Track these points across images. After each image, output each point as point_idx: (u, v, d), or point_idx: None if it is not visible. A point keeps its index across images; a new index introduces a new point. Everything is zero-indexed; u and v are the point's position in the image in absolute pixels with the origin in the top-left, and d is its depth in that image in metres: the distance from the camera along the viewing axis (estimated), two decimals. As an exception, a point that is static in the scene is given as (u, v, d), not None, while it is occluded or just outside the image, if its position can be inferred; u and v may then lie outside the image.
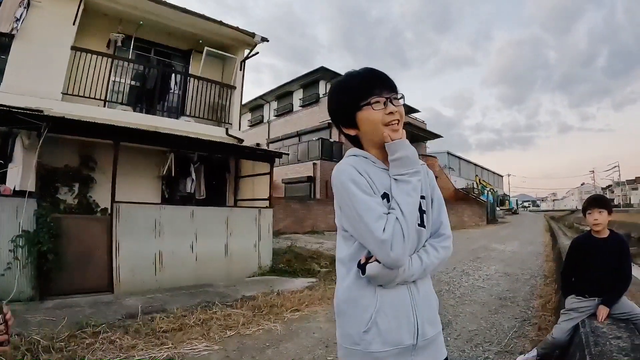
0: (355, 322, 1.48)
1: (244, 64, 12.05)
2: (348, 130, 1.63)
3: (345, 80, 1.63)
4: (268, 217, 9.97)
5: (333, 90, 1.68)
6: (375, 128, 1.53)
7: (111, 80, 9.38)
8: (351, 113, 1.56)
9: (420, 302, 1.53)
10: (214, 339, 4.83)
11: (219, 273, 8.67)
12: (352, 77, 1.62)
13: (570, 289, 3.71)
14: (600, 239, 3.53)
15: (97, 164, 8.92)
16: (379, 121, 1.51)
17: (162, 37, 11.11)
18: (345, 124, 1.62)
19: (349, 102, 1.56)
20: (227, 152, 10.77)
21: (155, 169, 9.91)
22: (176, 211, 8.45)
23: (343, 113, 1.61)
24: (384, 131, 1.51)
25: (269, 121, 34.90)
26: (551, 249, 14.23)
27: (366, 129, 1.56)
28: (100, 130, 7.60)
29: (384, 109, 1.50)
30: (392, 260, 1.38)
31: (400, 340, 1.46)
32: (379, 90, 1.52)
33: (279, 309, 6.18)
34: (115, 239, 7.33)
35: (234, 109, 11.65)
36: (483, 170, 65.14)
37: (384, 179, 1.54)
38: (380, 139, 1.54)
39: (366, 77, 1.58)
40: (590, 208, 3.55)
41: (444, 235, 1.69)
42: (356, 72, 1.63)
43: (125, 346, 4.38)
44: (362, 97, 1.52)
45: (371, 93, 1.51)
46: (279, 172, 26.87)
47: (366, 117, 1.53)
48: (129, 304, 6.35)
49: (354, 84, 1.58)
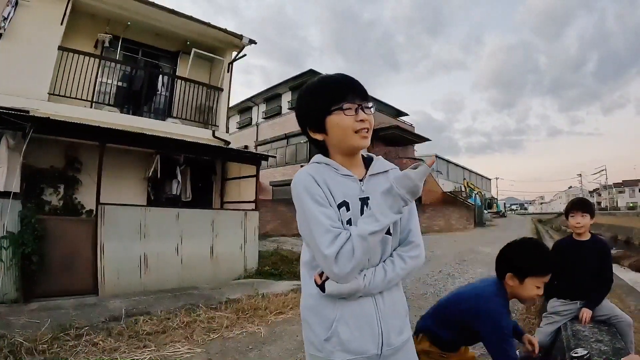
0: (317, 330, 1.51)
1: (231, 66, 12.06)
2: (315, 135, 1.61)
3: (318, 83, 1.62)
4: (254, 220, 9.99)
5: (304, 92, 1.64)
6: (345, 134, 1.52)
7: (98, 81, 9.33)
8: (321, 117, 1.53)
9: (386, 312, 1.53)
10: (196, 341, 4.86)
11: (205, 275, 8.68)
12: (325, 80, 1.61)
13: (553, 292, 3.67)
14: (582, 241, 3.55)
15: (82, 165, 8.88)
16: (349, 127, 1.50)
17: (150, 38, 11.08)
18: (313, 128, 1.60)
19: (320, 105, 1.53)
20: (214, 154, 10.78)
21: (141, 170, 9.87)
22: (161, 213, 8.44)
23: (313, 116, 1.57)
24: (353, 137, 1.52)
25: (257, 123, 34.79)
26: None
27: (335, 134, 1.54)
28: (85, 131, 7.59)
29: (355, 115, 1.49)
30: (335, 275, 1.40)
31: (364, 349, 1.47)
32: (352, 96, 1.51)
33: (263, 311, 6.20)
34: (100, 240, 7.32)
35: (221, 111, 11.65)
36: (471, 173, 65.34)
37: (345, 187, 1.54)
38: (348, 145, 1.55)
39: (340, 81, 1.57)
40: (572, 211, 3.58)
41: (413, 244, 1.64)
42: (330, 76, 1.62)
43: (107, 349, 4.41)
44: (334, 101, 1.50)
45: (344, 98, 1.50)
46: (267, 174, 26.89)
47: (336, 122, 1.51)
48: (113, 306, 6.34)
49: (327, 88, 1.56)
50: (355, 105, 1.50)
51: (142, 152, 9.57)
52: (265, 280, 9.11)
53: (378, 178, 1.64)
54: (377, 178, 1.64)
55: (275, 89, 32.92)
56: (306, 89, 1.64)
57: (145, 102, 10.58)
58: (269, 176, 27.57)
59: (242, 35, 11.55)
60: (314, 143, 1.66)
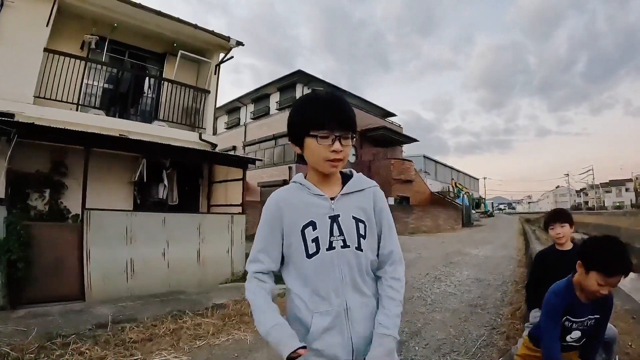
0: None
1: (218, 68, 12.04)
2: (294, 147, 1.68)
3: (305, 101, 1.67)
4: (241, 223, 9.98)
5: (295, 104, 1.69)
6: (316, 159, 1.59)
7: (84, 83, 9.27)
8: (301, 134, 1.59)
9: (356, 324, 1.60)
10: (183, 349, 4.86)
11: (191, 280, 8.66)
12: (312, 100, 1.63)
13: (535, 302, 3.60)
14: (564, 251, 3.51)
15: (68, 169, 8.80)
16: (321, 155, 1.56)
17: (136, 39, 11.03)
18: (293, 141, 1.67)
19: (301, 124, 1.59)
20: (200, 157, 10.74)
21: (127, 174, 9.81)
22: (148, 218, 8.39)
23: (294, 131, 1.64)
24: (322, 164, 1.59)
25: (245, 124, 34.72)
26: (524, 254, 14.41)
27: (308, 155, 1.61)
28: (70, 135, 7.52)
29: (329, 145, 1.54)
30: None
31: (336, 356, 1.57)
32: (332, 125, 1.54)
33: (249, 317, 6.16)
34: (86, 246, 7.28)
35: (208, 114, 11.61)
36: (459, 173, 65.69)
37: (314, 207, 1.64)
38: (318, 168, 1.63)
39: (325, 106, 1.58)
40: (551, 223, 3.56)
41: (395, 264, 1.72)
42: (318, 97, 1.62)
43: (94, 357, 4.40)
44: (313, 125, 1.54)
45: (323, 126, 1.53)
46: (255, 175, 26.82)
47: (311, 146, 1.57)
48: (100, 312, 6.33)
49: (312, 109, 1.58)
50: (332, 136, 1.54)
51: (128, 155, 9.50)
52: (252, 284, 9.03)
53: (351, 197, 1.69)
54: (351, 197, 1.69)
55: (263, 89, 32.94)
56: (296, 103, 1.70)
57: (131, 104, 10.55)
58: (257, 177, 27.54)
59: (230, 37, 11.54)
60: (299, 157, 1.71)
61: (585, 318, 2.47)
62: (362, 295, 1.63)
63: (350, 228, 1.62)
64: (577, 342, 2.58)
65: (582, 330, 2.51)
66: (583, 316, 2.46)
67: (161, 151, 9.20)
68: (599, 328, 2.55)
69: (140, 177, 9.43)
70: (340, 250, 1.59)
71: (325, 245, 1.58)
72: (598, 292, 2.27)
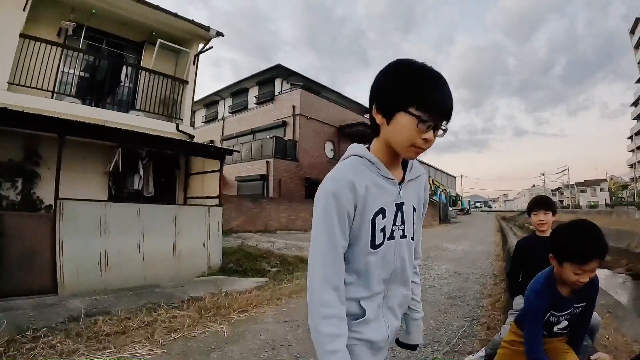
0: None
1: (197, 58, 11.92)
2: (377, 115, 1.44)
3: (416, 71, 1.38)
4: (217, 216, 9.87)
5: (397, 68, 1.42)
6: (401, 140, 1.38)
7: (60, 71, 9.06)
8: (394, 105, 1.37)
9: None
10: (158, 342, 4.78)
11: (167, 273, 8.54)
12: (422, 73, 1.38)
13: (517, 289, 3.67)
14: (545, 237, 3.48)
15: (42, 158, 8.56)
16: (410, 138, 1.36)
17: (114, 27, 10.81)
18: (380, 108, 1.42)
19: (401, 94, 1.35)
20: (177, 148, 10.57)
21: (102, 164, 9.59)
22: (122, 209, 8.22)
23: (388, 98, 1.39)
24: (406, 149, 1.40)
25: (223, 118, 34.53)
26: (501, 249, 14.57)
27: (393, 132, 1.40)
28: (44, 122, 7.32)
29: (423, 131, 1.34)
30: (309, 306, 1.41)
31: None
32: (436, 111, 1.34)
33: (226, 310, 6.14)
34: (59, 237, 7.09)
35: (186, 105, 11.49)
36: (437, 171, 66.37)
37: (384, 192, 1.47)
38: (397, 149, 1.43)
39: (435, 85, 1.36)
40: (535, 209, 3.60)
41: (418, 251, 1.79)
42: (429, 72, 1.38)
43: (66, 351, 4.29)
44: (416, 103, 1.32)
45: (428, 109, 1.32)
46: (232, 169, 26.68)
47: (402, 124, 1.35)
48: (72, 305, 6.19)
49: (420, 83, 1.35)
50: (431, 123, 1.33)
51: (103, 145, 9.31)
52: (228, 277, 9.03)
53: (412, 184, 1.62)
54: (412, 184, 1.61)
55: (242, 83, 32.78)
56: (400, 67, 1.42)
57: (108, 93, 10.34)
58: (234, 171, 27.36)
59: (209, 27, 11.43)
60: (371, 122, 1.51)
61: (571, 309, 2.43)
62: (406, 285, 1.63)
63: (409, 217, 1.57)
64: (564, 330, 2.55)
65: (569, 319, 2.48)
66: (568, 308, 2.43)
67: (137, 140, 9.04)
68: (586, 315, 2.52)
69: (116, 167, 9.24)
70: (399, 240, 1.54)
71: (387, 235, 1.50)
72: (577, 281, 2.22)
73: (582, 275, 2.21)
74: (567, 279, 2.27)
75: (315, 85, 31.89)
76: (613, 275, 15.54)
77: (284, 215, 22.88)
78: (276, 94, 29.67)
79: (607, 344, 4.29)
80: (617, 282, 14.25)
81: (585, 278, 2.22)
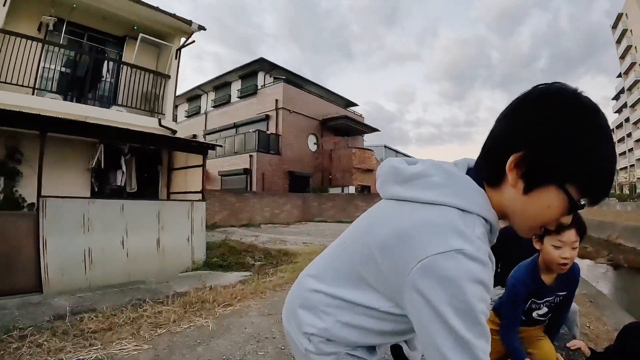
0: None
1: (179, 53, 11.82)
2: (512, 172, 0.96)
3: (596, 127, 0.92)
4: (201, 210, 9.86)
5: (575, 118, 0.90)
6: (532, 221, 1.01)
7: (41, 66, 8.96)
8: (547, 177, 0.93)
9: None
10: (143, 337, 4.82)
11: (152, 269, 8.53)
12: (602, 134, 0.91)
13: (495, 279, 3.73)
14: None
15: (23, 156, 8.48)
16: (545, 221, 0.99)
17: (96, 21, 10.65)
18: (531, 169, 0.94)
19: (569, 165, 0.90)
20: (159, 143, 10.51)
21: (84, 161, 9.53)
22: (105, 205, 8.15)
23: (546, 163, 0.92)
24: (530, 229, 1.04)
25: (206, 112, 34.41)
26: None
27: (525, 204, 0.97)
28: (25, 119, 7.24)
29: (567, 217, 0.98)
30: None
31: None
32: (602, 196, 0.97)
33: (211, 304, 6.18)
34: (43, 235, 7.03)
35: (168, 99, 11.41)
36: (419, 163, 66.49)
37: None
38: (518, 227, 1.06)
39: (613, 158, 0.94)
40: None
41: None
42: (609, 133, 0.93)
43: (52, 349, 4.30)
44: (582, 183, 0.92)
45: (596, 193, 0.96)
46: (215, 164, 26.64)
47: (549, 202, 0.95)
48: (58, 304, 6.17)
49: (598, 152, 0.91)
50: (583, 206, 0.96)
51: (85, 141, 9.26)
52: (213, 272, 9.07)
53: None
54: None
55: (225, 77, 32.65)
56: (582, 114, 0.91)
57: (89, 89, 10.24)
58: (218, 166, 27.31)
59: (191, 21, 11.35)
60: (492, 174, 1.03)
61: (553, 296, 2.51)
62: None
63: None
64: (543, 317, 2.62)
65: (550, 307, 2.55)
66: (549, 296, 2.50)
67: (119, 136, 8.97)
68: (566, 303, 2.60)
69: (98, 163, 9.20)
70: None
71: None
72: (560, 257, 2.26)
73: (562, 250, 2.25)
74: (550, 259, 2.31)
75: (298, 79, 31.89)
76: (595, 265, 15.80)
77: (267, 209, 22.93)
78: (259, 88, 29.65)
79: (589, 332, 4.41)
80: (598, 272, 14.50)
81: (566, 253, 2.25)
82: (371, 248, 1.05)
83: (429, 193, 1.02)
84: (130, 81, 10.48)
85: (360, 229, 1.20)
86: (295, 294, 1.36)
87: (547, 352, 2.59)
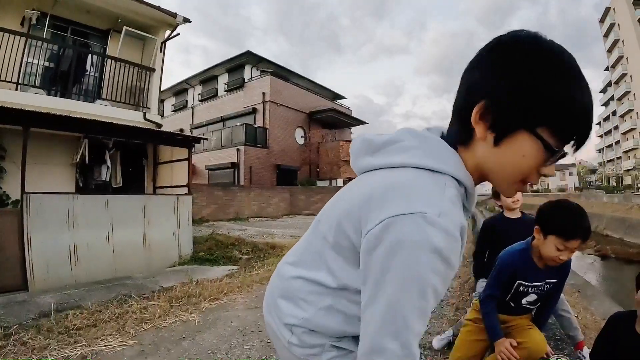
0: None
1: (164, 46, 11.73)
2: (478, 124, 0.93)
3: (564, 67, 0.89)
4: (187, 204, 9.84)
5: (537, 58, 0.88)
6: (511, 172, 0.96)
7: (24, 61, 8.83)
8: (515, 121, 0.89)
9: None
10: (129, 333, 4.83)
11: (138, 264, 8.50)
12: (572, 73, 0.89)
13: (482, 272, 3.65)
14: (513, 219, 3.56)
15: (7, 152, 8.36)
16: (523, 171, 0.94)
17: (79, 15, 10.51)
18: (491, 117, 0.91)
19: (535, 107, 0.87)
20: (144, 137, 10.41)
21: (68, 156, 9.43)
22: (90, 201, 8.07)
23: (509, 107, 0.89)
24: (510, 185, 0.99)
25: (193, 106, 34.24)
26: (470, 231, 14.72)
27: (500, 156, 0.94)
28: (7, 115, 7.14)
29: (548, 167, 0.94)
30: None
31: None
32: (580, 138, 0.92)
33: (197, 298, 6.21)
34: (27, 232, 6.95)
35: (153, 93, 11.34)
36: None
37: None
38: (498, 183, 1.01)
39: (589, 96, 0.90)
40: None
41: None
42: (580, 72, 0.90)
43: (37, 347, 4.30)
44: (553, 123, 0.88)
45: (568, 133, 0.91)
46: (202, 158, 26.56)
47: (524, 151, 0.91)
48: (43, 301, 6.13)
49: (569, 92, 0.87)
50: (562, 153, 0.93)
51: (69, 136, 9.16)
52: (200, 266, 9.05)
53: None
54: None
55: (211, 70, 32.51)
56: (543, 55, 0.88)
57: (73, 83, 10.12)
58: (205, 160, 27.23)
59: (176, 14, 11.26)
60: (463, 128, 1.00)
61: (542, 282, 2.51)
62: None
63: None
64: (532, 305, 2.62)
65: (539, 294, 2.55)
66: (539, 281, 2.50)
67: (104, 130, 8.86)
68: (555, 292, 2.60)
69: (82, 158, 9.10)
70: None
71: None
72: (557, 257, 2.28)
73: (563, 252, 2.27)
74: (548, 253, 2.32)
75: (285, 72, 31.84)
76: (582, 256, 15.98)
77: (255, 203, 22.87)
78: (246, 81, 29.51)
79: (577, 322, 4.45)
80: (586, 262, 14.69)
81: (565, 256, 2.29)
82: (340, 218, 1.02)
83: (398, 156, 1.01)
84: (115, 75, 10.36)
85: (334, 202, 1.18)
86: (275, 284, 1.32)
87: (539, 342, 2.59)
